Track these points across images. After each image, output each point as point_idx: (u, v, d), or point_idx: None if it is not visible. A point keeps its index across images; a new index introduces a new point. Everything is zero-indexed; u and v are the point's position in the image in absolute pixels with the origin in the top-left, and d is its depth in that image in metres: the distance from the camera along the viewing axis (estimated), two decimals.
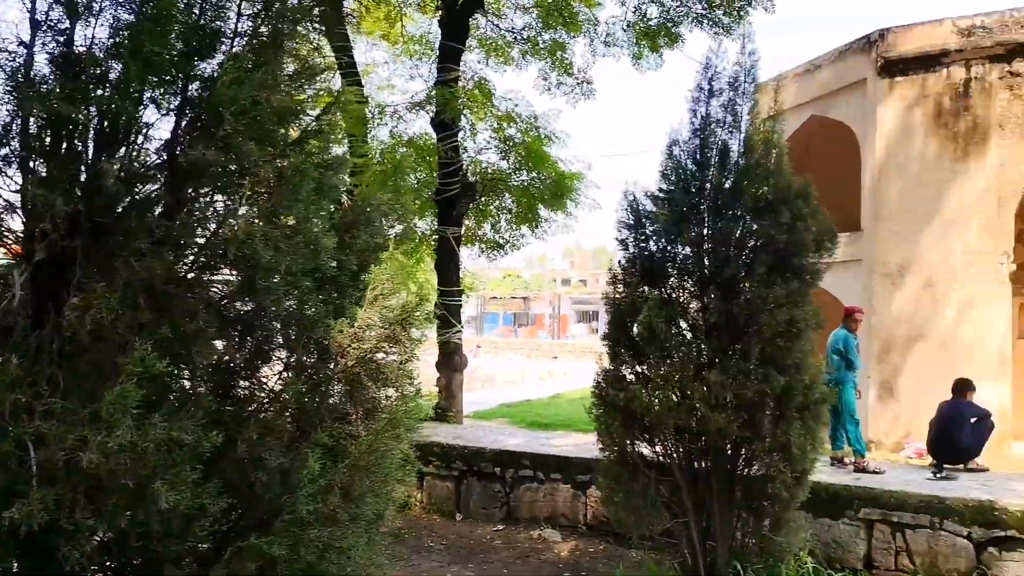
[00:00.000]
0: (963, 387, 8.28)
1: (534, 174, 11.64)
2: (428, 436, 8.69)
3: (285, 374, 2.85)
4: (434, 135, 11.26)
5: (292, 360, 2.84)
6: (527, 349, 38.53)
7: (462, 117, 11.33)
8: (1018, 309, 11.67)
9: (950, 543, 6.30)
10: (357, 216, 3.03)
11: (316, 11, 2.83)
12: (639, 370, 5.87)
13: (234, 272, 2.61)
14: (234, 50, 2.59)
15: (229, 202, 2.63)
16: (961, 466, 7.88)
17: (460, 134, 11.43)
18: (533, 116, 11.72)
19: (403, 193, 11.49)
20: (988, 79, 10.10)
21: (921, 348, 10.56)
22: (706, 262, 5.67)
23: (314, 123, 2.77)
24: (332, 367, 2.82)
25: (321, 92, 2.83)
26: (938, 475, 7.50)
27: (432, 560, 7.01)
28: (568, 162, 11.92)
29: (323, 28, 8.40)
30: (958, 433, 7.96)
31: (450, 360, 11.19)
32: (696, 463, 5.72)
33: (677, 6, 8.99)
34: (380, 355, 2.88)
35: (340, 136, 3.89)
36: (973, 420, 8.02)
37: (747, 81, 5.39)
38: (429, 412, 8.70)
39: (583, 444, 8.38)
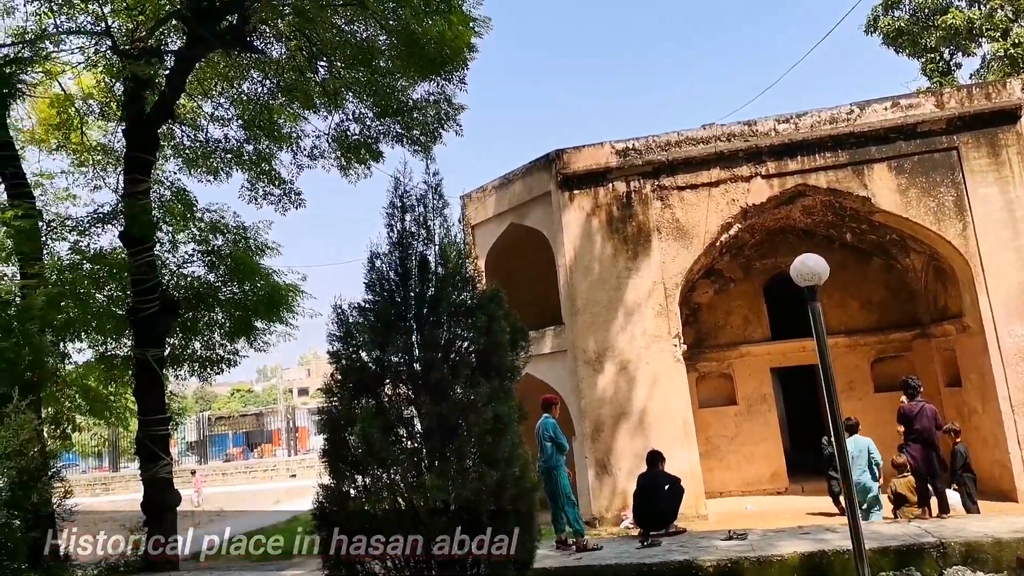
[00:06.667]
0: (655, 459, 9.36)
1: (246, 286, 11.10)
2: None
3: None
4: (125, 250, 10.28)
5: None
6: (261, 470, 35.53)
7: (159, 230, 10.53)
8: (694, 383, 13.66)
9: None
10: None
11: None
12: (360, 482, 5.73)
13: None
14: None
15: None
16: (663, 531, 8.79)
17: (157, 247, 10.57)
18: (242, 226, 11.28)
19: (93, 314, 10.23)
20: (644, 192, 12.07)
21: (625, 425, 11.78)
22: (416, 368, 5.81)
23: None
24: None
25: None
26: (645, 543, 8.27)
27: None
28: (282, 273, 11.60)
29: None
30: (656, 501, 8.91)
31: (160, 497, 9.90)
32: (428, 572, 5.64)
33: (377, 125, 9.52)
34: None
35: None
36: (667, 487, 9.05)
37: (435, 198, 5.80)
38: None
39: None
